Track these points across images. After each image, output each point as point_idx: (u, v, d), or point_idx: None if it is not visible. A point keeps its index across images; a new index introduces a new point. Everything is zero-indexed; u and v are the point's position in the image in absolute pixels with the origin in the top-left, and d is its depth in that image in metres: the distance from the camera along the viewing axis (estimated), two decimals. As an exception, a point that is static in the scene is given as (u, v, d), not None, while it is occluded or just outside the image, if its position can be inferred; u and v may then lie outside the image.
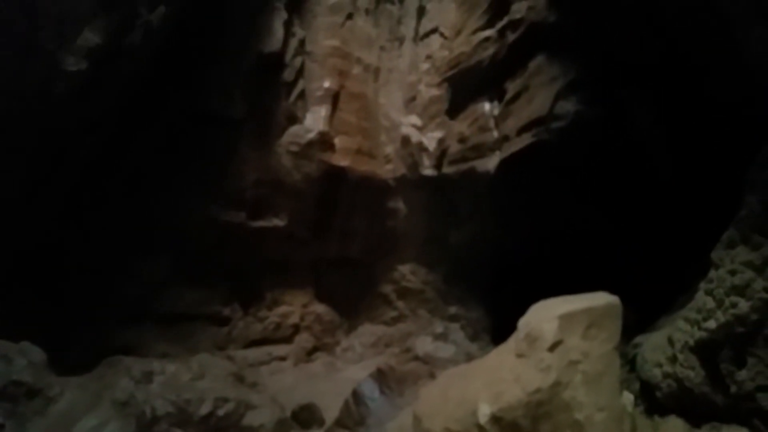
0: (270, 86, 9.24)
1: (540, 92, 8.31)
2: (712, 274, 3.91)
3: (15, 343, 5.61)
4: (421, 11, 10.92)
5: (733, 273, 3.65)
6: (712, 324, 3.82)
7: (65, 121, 7.09)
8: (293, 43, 9.56)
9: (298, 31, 9.77)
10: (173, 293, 8.45)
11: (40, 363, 5.56)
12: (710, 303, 3.88)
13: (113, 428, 5.14)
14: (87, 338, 7.45)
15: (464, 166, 9.56)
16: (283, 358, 9.11)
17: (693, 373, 4.05)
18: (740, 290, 3.58)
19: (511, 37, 8.88)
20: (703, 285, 4.00)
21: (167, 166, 8.40)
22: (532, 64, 8.56)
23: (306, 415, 6.64)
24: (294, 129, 9.50)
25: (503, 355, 4.52)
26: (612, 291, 4.51)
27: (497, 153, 9.07)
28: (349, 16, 10.36)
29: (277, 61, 9.29)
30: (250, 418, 5.83)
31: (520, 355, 4.24)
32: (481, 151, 9.33)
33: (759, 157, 4.05)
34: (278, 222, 9.43)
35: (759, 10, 4.09)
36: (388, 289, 10.56)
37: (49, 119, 6.84)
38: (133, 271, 8.20)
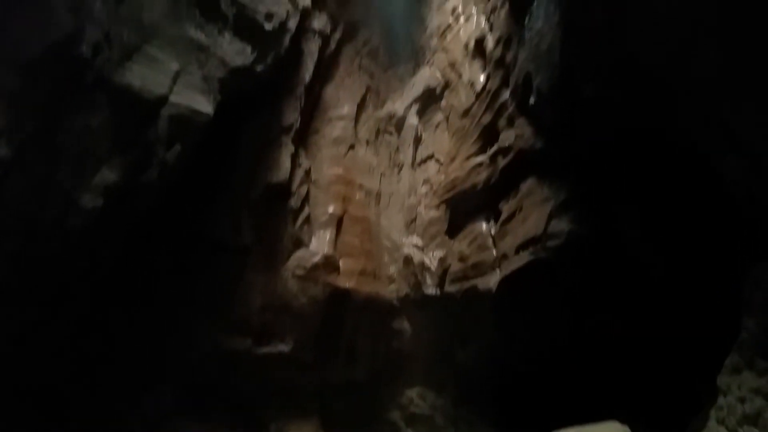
0: (277, 213, 9.69)
1: (533, 212, 8.70)
2: (722, 401, 3.93)
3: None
4: (417, 140, 11.72)
5: (742, 401, 3.69)
6: (730, 455, 3.78)
7: (77, 256, 7.33)
8: (299, 173, 10.17)
9: (304, 162, 10.42)
10: (177, 425, 8.23)
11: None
12: (724, 433, 3.86)
13: None
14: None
15: (466, 284, 9.73)
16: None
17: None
18: (752, 419, 3.59)
19: (502, 162, 9.46)
20: (714, 413, 4.00)
21: (174, 294, 8.57)
22: (524, 186, 9.05)
23: None
24: (300, 253, 9.81)
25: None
26: (619, 409, 4.48)
27: (497, 271, 9.27)
28: (351, 147, 11.10)
29: (283, 190, 9.82)
30: None
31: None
32: (481, 269, 9.55)
33: (750, 277, 4.23)
34: (284, 347, 9.41)
35: (730, 143, 4.47)
36: (396, 415, 10.27)
37: (62, 255, 7.07)
38: (137, 402, 8.06)
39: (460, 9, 12.10)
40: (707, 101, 4.39)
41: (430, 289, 10.19)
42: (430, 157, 11.30)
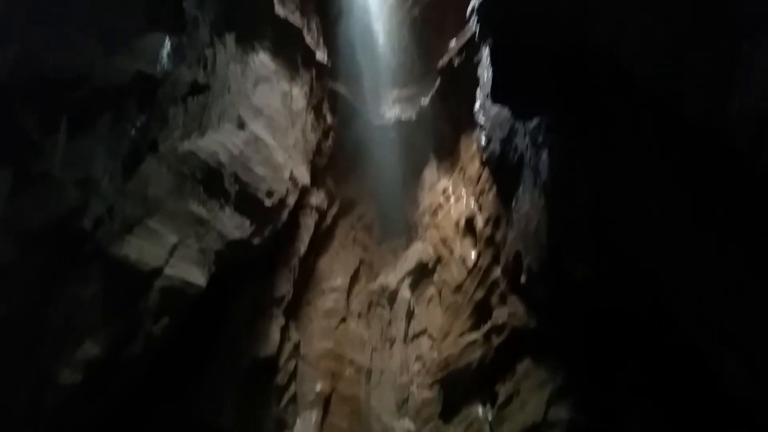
0: (261, 392, 9.22)
1: (532, 397, 8.28)
2: None
3: None
4: (410, 314, 11.63)
5: None
6: None
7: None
8: (288, 347, 9.90)
9: (294, 335, 10.20)
10: None
11: None
12: None
13: None
14: None
15: (462, 477, 8.91)
16: None
17: None
18: None
19: (496, 340, 9.27)
20: None
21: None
22: (520, 367, 8.74)
23: None
24: (282, 437, 9.13)
25: None
26: None
27: (498, 461, 8.56)
28: (343, 320, 10.98)
29: (271, 365, 9.47)
30: None
31: None
32: (480, 459, 8.82)
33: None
34: None
35: (726, 344, 4.36)
36: None
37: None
38: None
39: (450, 190, 12.86)
40: (696, 298, 4.42)
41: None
42: (423, 332, 11.11)
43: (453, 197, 12.58)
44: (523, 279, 8.52)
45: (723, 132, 3.21)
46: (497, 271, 9.78)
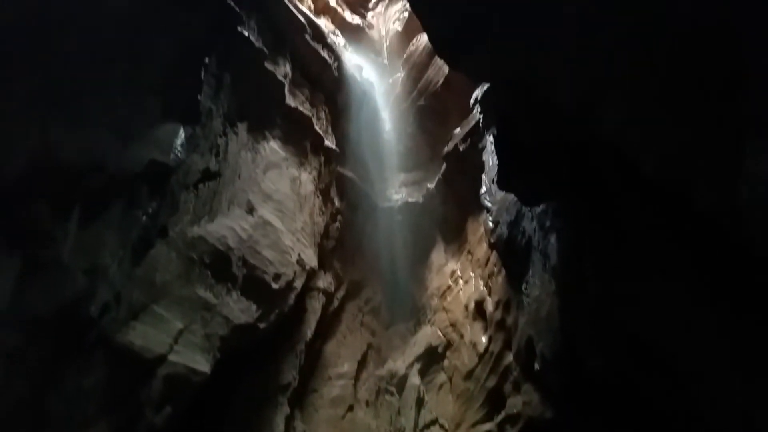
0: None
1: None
2: None
3: None
4: (420, 402, 11.18)
5: None
6: None
7: None
8: (293, 437, 9.48)
9: (299, 425, 9.82)
10: None
11: None
12: None
13: None
14: None
15: None
16: None
17: None
18: None
19: (510, 431, 8.84)
20: None
21: None
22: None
23: None
24: None
25: None
26: None
27: None
28: (350, 408, 10.57)
29: (274, 460, 9.01)
30: None
31: None
32: None
33: None
34: None
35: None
36: None
37: None
38: None
39: (459, 272, 12.77)
40: (717, 386, 4.25)
41: None
42: (434, 422, 10.62)
43: (461, 280, 12.47)
44: (536, 366, 8.26)
45: (733, 221, 3.22)
46: (509, 357, 9.50)
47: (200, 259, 8.85)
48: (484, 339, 10.61)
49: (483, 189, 11.37)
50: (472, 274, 12.00)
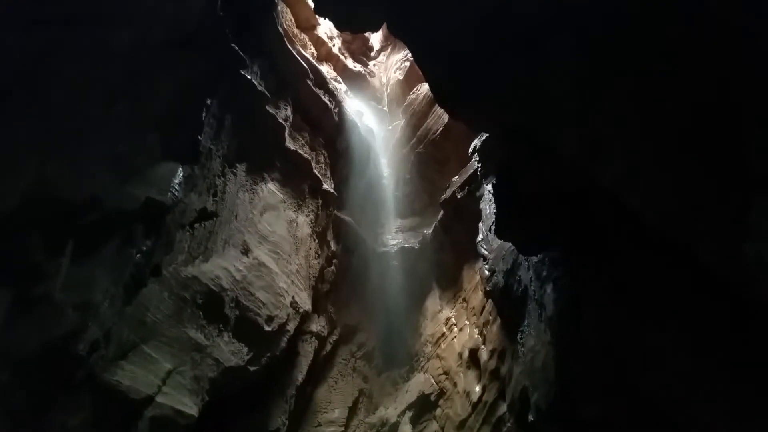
0: None
1: None
2: None
3: None
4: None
5: None
6: None
7: None
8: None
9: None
10: None
11: None
12: None
13: None
14: None
15: None
16: None
17: None
18: None
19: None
20: None
21: None
22: None
23: None
24: None
25: None
26: None
27: None
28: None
29: None
30: None
31: None
32: None
33: None
34: None
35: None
36: None
37: None
38: None
39: (453, 319, 12.63)
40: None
41: None
42: None
43: (456, 327, 12.33)
44: (531, 417, 8.09)
45: (739, 276, 3.23)
46: (503, 407, 9.32)
47: (193, 299, 8.78)
48: (477, 388, 10.41)
49: (480, 237, 11.41)
50: (466, 322, 11.88)
